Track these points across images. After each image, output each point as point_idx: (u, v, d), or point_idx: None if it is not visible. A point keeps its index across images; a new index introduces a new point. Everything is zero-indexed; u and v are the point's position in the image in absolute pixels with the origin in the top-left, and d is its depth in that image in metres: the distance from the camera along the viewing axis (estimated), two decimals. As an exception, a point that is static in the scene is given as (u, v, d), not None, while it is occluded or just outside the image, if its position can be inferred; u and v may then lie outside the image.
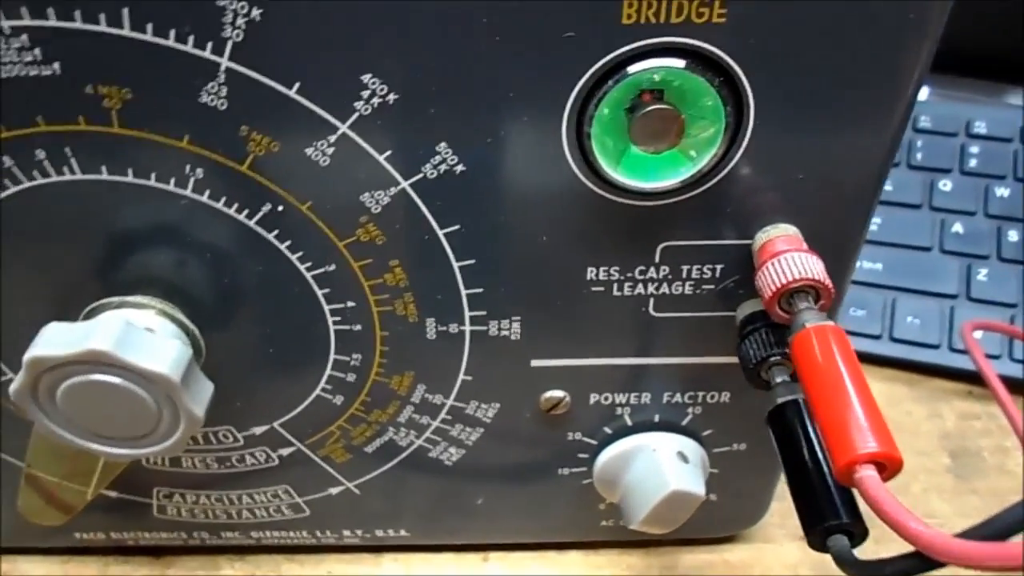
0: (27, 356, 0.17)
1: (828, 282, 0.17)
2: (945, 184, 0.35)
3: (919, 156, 0.36)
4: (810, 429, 0.17)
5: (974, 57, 0.38)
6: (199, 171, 0.17)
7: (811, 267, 0.17)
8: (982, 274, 0.33)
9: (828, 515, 0.15)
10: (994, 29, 0.38)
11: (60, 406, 0.18)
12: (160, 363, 0.17)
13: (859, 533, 0.16)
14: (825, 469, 0.16)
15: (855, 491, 0.15)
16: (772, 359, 0.18)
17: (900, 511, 0.13)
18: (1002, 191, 0.35)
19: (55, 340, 0.17)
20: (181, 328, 0.19)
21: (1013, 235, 0.34)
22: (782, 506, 0.27)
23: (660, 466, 0.22)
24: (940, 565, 0.14)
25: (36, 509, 0.24)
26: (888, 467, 0.14)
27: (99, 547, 0.27)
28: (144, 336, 0.18)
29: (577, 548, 0.27)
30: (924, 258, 0.34)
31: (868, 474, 0.13)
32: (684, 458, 0.23)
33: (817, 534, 0.15)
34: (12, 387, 0.18)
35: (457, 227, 0.18)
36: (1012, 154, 0.36)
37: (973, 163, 0.36)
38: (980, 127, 0.37)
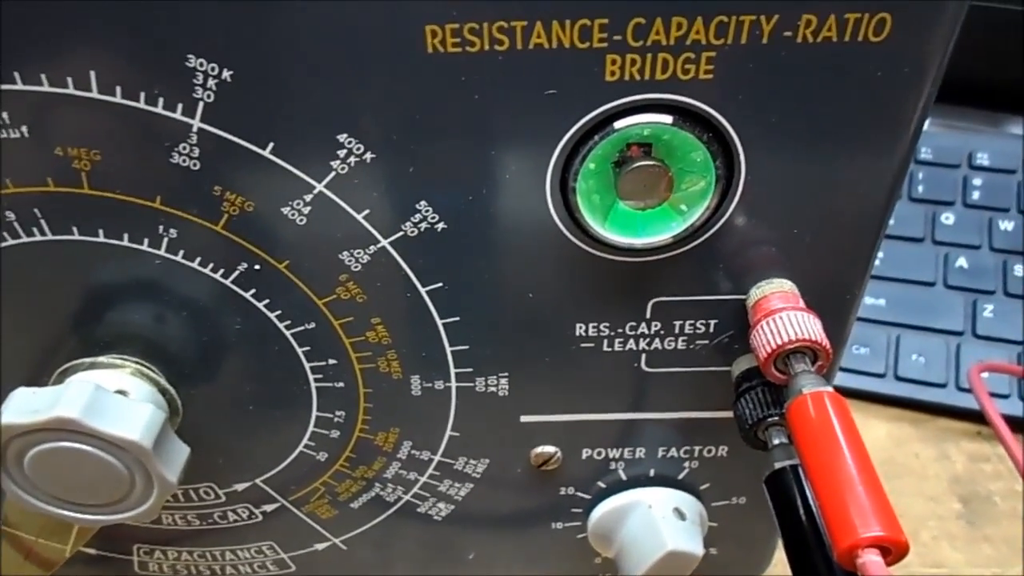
0: (-6, 423, 0.17)
1: (826, 343, 0.16)
2: (948, 217, 0.35)
3: (920, 188, 0.36)
4: (810, 499, 0.16)
5: (974, 86, 0.37)
6: (172, 231, 0.17)
7: (808, 327, 0.16)
8: (988, 310, 0.33)
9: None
10: (994, 58, 0.37)
11: (29, 473, 0.18)
12: (130, 430, 0.17)
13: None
14: (826, 545, 0.15)
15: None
16: (769, 420, 0.18)
17: (904, 601, 0.12)
18: (1006, 224, 0.34)
19: (22, 407, 0.17)
20: (156, 388, 0.19)
21: (1018, 269, 0.33)
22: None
23: (656, 524, 0.21)
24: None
25: (15, 566, 0.24)
26: (893, 551, 0.13)
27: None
28: (115, 401, 0.17)
29: (574, 600, 0.26)
30: (928, 293, 0.33)
31: (872, 560, 0.13)
32: (681, 515, 0.22)
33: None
34: (-22, 455, 0.18)
35: (440, 284, 0.18)
36: (1016, 186, 0.35)
37: (976, 195, 0.35)
38: (982, 158, 0.36)
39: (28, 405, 0.17)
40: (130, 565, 0.24)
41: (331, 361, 0.19)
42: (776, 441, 0.18)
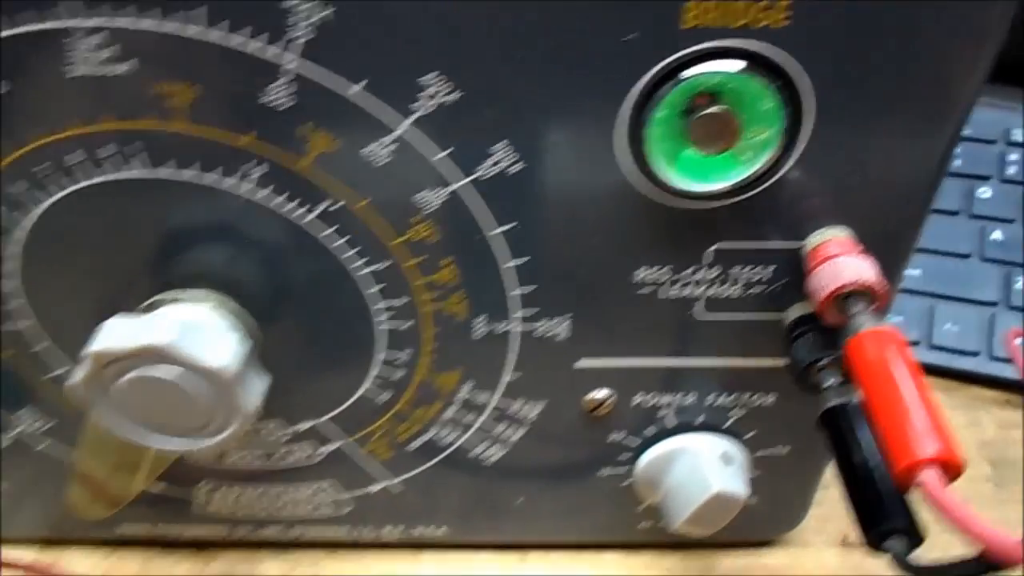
0: (89, 350, 0.18)
1: (885, 284, 0.17)
2: (984, 191, 0.35)
3: (958, 163, 0.36)
4: (865, 431, 0.17)
5: (1011, 64, 0.38)
6: (263, 167, 0.18)
7: (866, 270, 0.17)
8: (1021, 282, 0.33)
9: (886, 519, 0.15)
10: (1033, 36, 0.37)
11: (118, 399, 0.19)
12: (217, 358, 0.18)
13: (916, 537, 0.16)
14: (882, 472, 0.16)
15: (913, 494, 0.15)
16: (823, 362, 0.19)
17: (967, 513, 0.13)
18: (1042, 199, 0.35)
19: (116, 334, 0.18)
20: (237, 321, 0.19)
21: (1053, 243, 0.34)
22: (820, 512, 0.27)
23: (703, 468, 0.22)
24: (1003, 567, 0.13)
25: (83, 503, 0.25)
26: (949, 470, 0.14)
27: (141, 541, 0.27)
28: (202, 330, 0.18)
29: (615, 549, 0.27)
30: (963, 265, 0.34)
31: (931, 477, 0.13)
32: (727, 460, 0.22)
33: (874, 536, 0.15)
34: (72, 380, 0.18)
35: (511, 226, 0.19)
36: (1051, 162, 0.36)
37: (1012, 171, 0.36)
38: (1018, 135, 0.37)
39: (121, 332, 0.18)
40: (192, 504, 0.25)
41: (400, 301, 0.20)
42: (829, 382, 0.18)
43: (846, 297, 0.17)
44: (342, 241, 0.19)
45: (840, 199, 0.18)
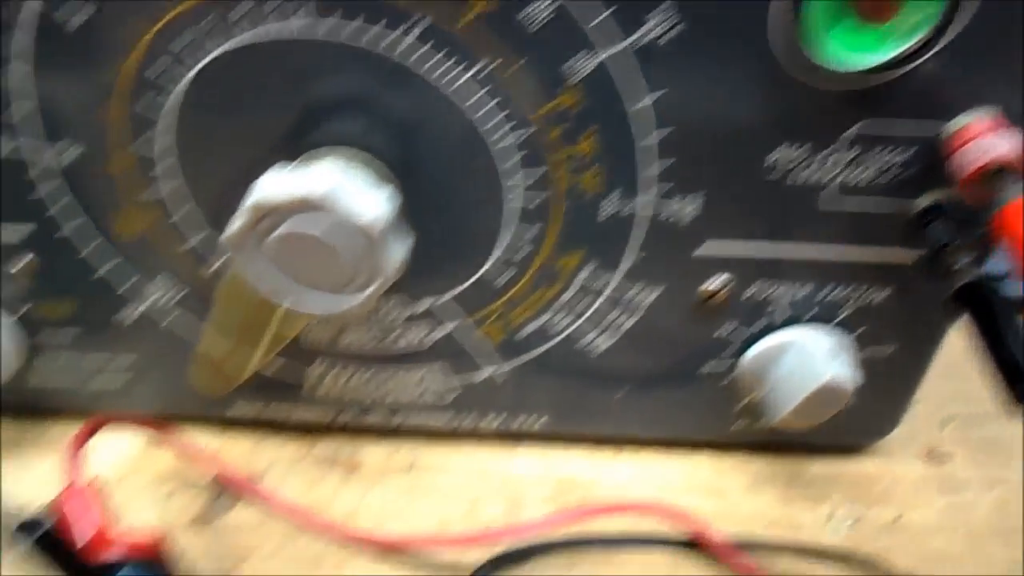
0: (249, 201, 0.18)
1: (1033, 159, 0.17)
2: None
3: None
4: (1007, 299, 0.17)
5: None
6: (420, 25, 0.18)
7: (1016, 145, 0.17)
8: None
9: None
10: None
11: (268, 254, 0.19)
12: (370, 210, 0.18)
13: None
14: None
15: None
16: (959, 243, 0.19)
17: None
18: None
19: (275, 186, 0.18)
20: (383, 182, 0.20)
21: None
22: (906, 426, 0.27)
23: (814, 358, 0.22)
24: None
25: (205, 378, 0.25)
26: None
27: (251, 422, 0.28)
28: (355, 185, 0.18)
29: (706, 450, 0.28)
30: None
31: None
32: (836, 353, 0.23)
33: (1019, 392, 0.16)
34: (227, 233, 0.19)
35: (655, 97, 0.19)
36: None
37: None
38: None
39: (279, 185, 0.18)
40: (303, 385, 0.26)
41: (536, 174, 0.20)
42: (963, 261, 0.19)
43: (995, 172, 0.17)
44: (491, 105, 0.19)
45: (993, 79, 0.18)
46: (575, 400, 0.26)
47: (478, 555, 0.25)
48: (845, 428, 0.26)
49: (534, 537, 0.25)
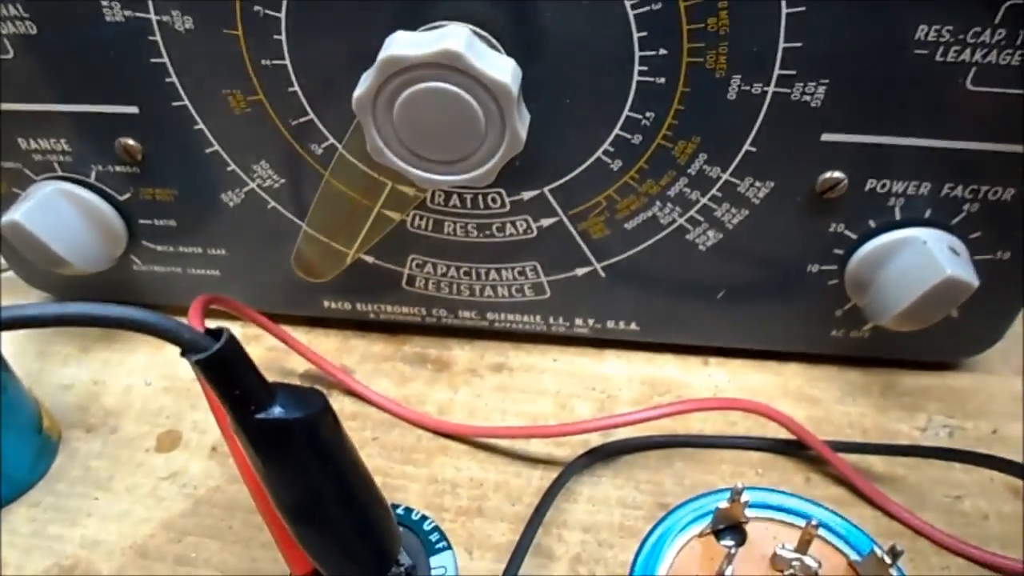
0: (381, 57, 0.18)
1: None
2: None
3: None
4: None
5: None
6: None
7: None
8: None
9: None
10: None
11: (395, 117, 0.19)
12: (503, 72, 0.18)
13: None
14: None
15: None
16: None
17: None
18: None
19: (407, 43, 0.18)
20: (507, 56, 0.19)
21: None
22: (1003, 344, 0.27)
23: (933, 255, 0.22)
24: None
25: (305, 265, 0.26)
26: None
27: (341, 319, 0.28)
28: (485, 47, 0.18)
29: (797, 360, 0.27)
30: None
31: None
32: (955, 252, 0.22)
33: None
34: (357, 93, 0.19)
35: (798, -37, 0.18)
36: None
37: None
38: None
39: (413, 42, 0.18)
40: (399, 280, 0.26)
41: (662, 51, 0.20)
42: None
43: None
44: (624, -28, 0.19)
45: None
46: (669, 305, 0.26)
47: (568, 451, 0.25)
48: (944, 341, 0.26)
49: (628, 433, 0.25)
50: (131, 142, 0.24)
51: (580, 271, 0.25)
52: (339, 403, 0.26)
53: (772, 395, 0.27)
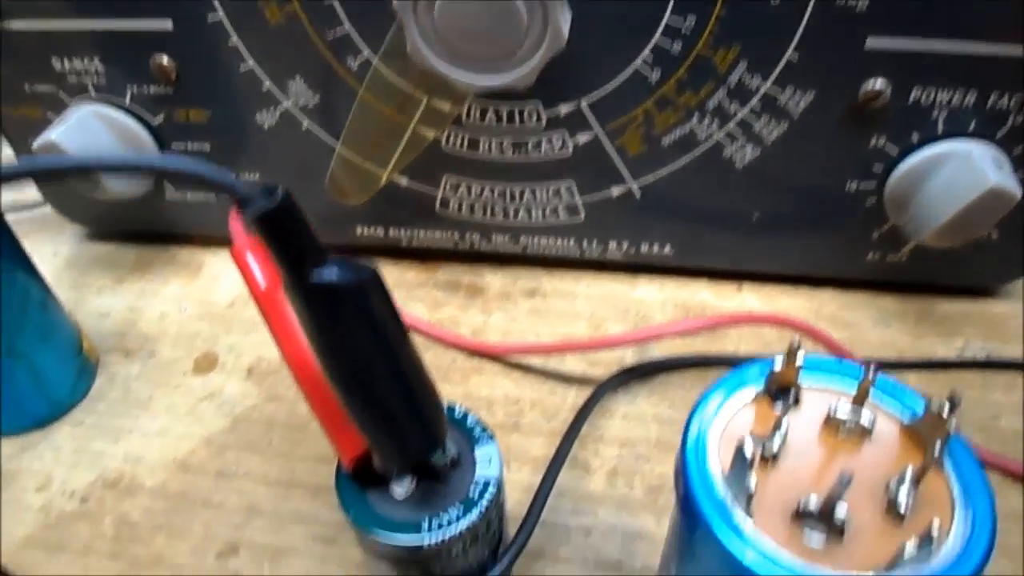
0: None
1: None
2: None
3: None
4: None
5: None
6: None
7: None
8: None
9: None
10: None
11: (436, 15, 0.19)
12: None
13: None
14: None
15: None
16: None
17: None
18: None
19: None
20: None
21: None
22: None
23: (978, 166, 0.21)
24: None
25: (339, 188, 0.26)
26: None
27: (373, 247, 0.28)
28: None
29: (832, 287, 0.27)
30: None
31: None
32: (999, 164, 0.22)
33: None
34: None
35: None
36: None
37: None
38: None
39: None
40: (432, 203, 0.26)
41: (705, -50, 0.20)
42: None
43: None
44: None
45: None
46: (704, 227, 0.26)
47: (604, 371, 0.25)
48: (981, 265, 0.26)
49: (663, 353, 0.25)
50: (165, 60, 0.24)
51: (615, 191, 0.25)
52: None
53: (807, 318, 0.27)
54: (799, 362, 0.13)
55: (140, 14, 0.23)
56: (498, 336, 0.26)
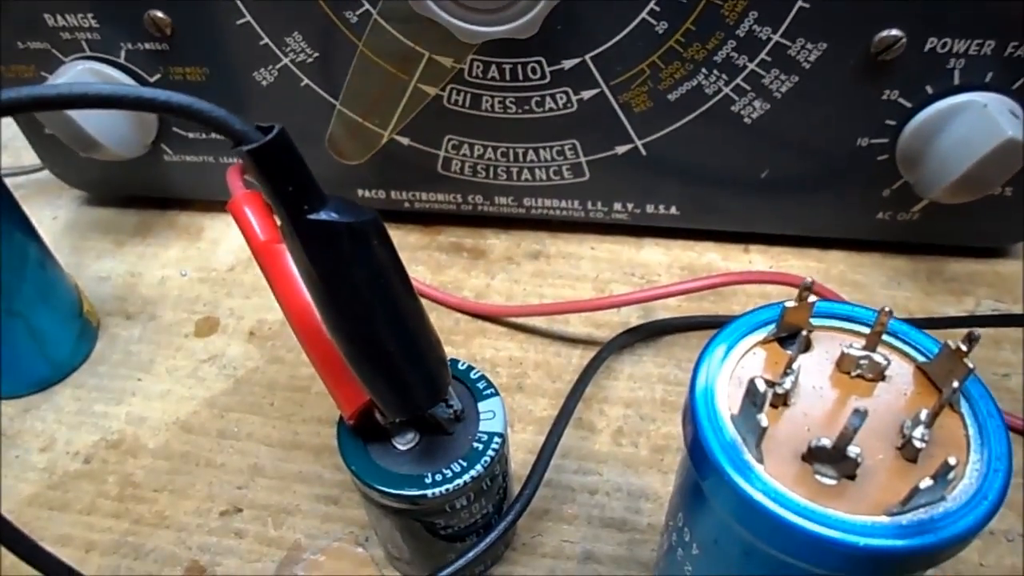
0: None
1: None
2: None
3: None
4: None
5: None
6: None
7: None
8: None
9: None
10: None
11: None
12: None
13: None
14: None
15: None
16: None
17: None
18: None
19: None
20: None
21: None
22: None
23: (994, 117, 0.21)
24: None
25: (340, 144, 0.25)
26: None
27: (375, 210, 0.28)
28: None
29: (841, 248, 0.27)
30: None
31: None
32: (1016, 115, 0.22)
33: None
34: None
35: None
36: None
37: None
38: None
39: None
40: (435, 163, 0.26)
41: None
42: None
43: None
44: None
45: None
46: (711, 187, 0.25)
47: (609, 332, 0.24)
48: (994, 225, 0.25)
49: (668, 314, 0.25)
50: (160, 14, 0.23)
51: (621, 149, 0.24)
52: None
53: (816, 279, 0.26)
54: (811, 302, 0.12)
55: (134, -33, 0.22)
56: (502, 298, 0.26)
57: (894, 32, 0.21)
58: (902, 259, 0.27)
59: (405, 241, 0.28)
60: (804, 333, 0.13)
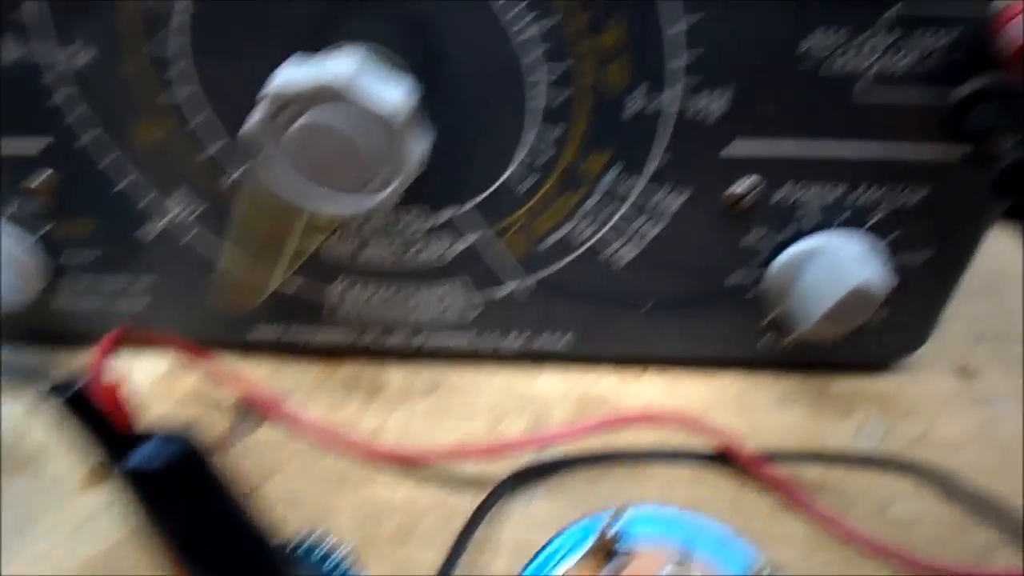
0: (267, 90, 0.18)
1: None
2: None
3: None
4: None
5: None
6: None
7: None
8: None
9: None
10: None
11: (288, 148, 0.19)
12: (392, 99, 0.18)
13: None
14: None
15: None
16: (1004, 127, 0.18)
17: None
18: None
19: (294, 75, 0.18)
20: (404, 76, 0.19)
21: None
22: (939, 344, 0.27)
23: (844, 263, 0.22)
24: None
25: (225, 295, 0.25)
26: None
27: (271, 346, 0.28)
28: (375, 75, 0.18)
29: (733, 369, 0.27)
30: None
31: None
32: (869, 256, 0.22)
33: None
34: (245, 127, 0.19)
35: (685, -21, 0.18)
36: None
37: None
38: None
39: (298, 73, 0.18)
40: (322, 308, 0.26)
41: (561, 67, 0.20)
42: (1009, 145, 0.18)
43: (1043, 44, 0.17)
44: (510, -5, 0.18)
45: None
46: (598, 318, 0.26)
47: (502, 470, 0.25)
48: (875, 343, 0.26)
49: (558, 450, 0.25)
50: (46, 174, 0.23)
51: (505, 288, 0.25)
52: (271, 433, 0.26)
53: (710, 404, 0.27)
54: (615, 530, 0.13)
55: (15, 132, 0.23)
56: (397, 437, 0.26)
57: (748, 182, 0.22)
58: (793, 379, 0.27)
59: (302, 378, 0.28)
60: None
